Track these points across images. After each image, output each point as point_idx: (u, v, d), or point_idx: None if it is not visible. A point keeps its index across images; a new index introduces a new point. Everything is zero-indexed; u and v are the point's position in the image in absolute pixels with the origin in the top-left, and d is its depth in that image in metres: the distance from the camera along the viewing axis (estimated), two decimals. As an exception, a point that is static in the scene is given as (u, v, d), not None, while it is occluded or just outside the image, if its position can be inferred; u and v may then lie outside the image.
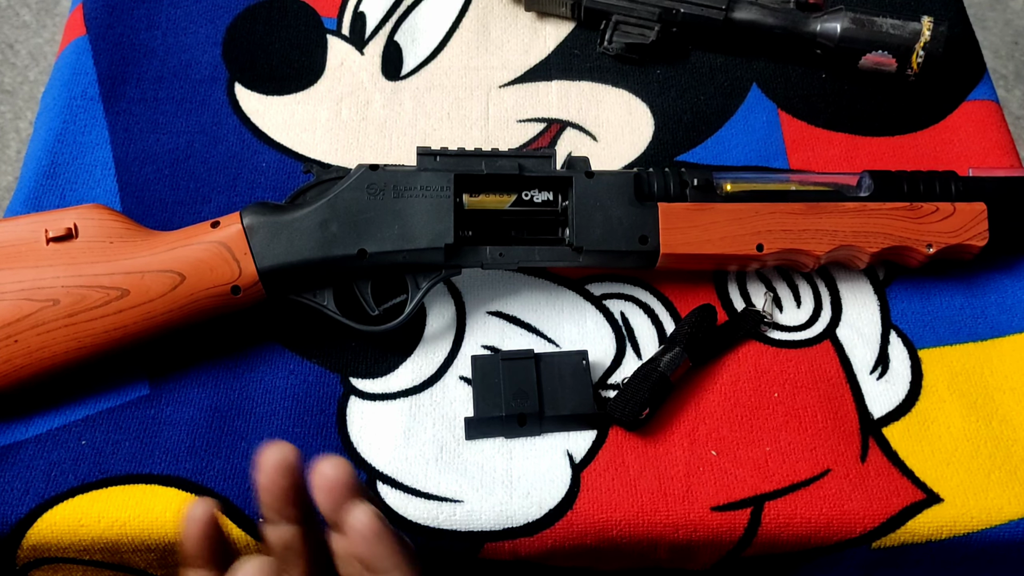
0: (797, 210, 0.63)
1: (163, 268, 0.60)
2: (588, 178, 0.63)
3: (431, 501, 0.58)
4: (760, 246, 0.62)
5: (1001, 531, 0.58)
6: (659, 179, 0.64)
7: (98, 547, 0.57)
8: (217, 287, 0.60)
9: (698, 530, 0.58)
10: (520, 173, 0.62)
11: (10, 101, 1.71)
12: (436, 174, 0.62)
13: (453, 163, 0.62)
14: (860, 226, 0.64)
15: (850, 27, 0.75)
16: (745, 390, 0.63)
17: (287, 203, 0.62)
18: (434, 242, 0.61)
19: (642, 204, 0.63)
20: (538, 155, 0.63)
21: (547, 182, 0.63)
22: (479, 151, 0.63)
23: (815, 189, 0.65)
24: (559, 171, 0.63)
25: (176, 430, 0.60)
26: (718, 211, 0.63)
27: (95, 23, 0.80)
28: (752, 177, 0.66)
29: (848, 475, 0.60)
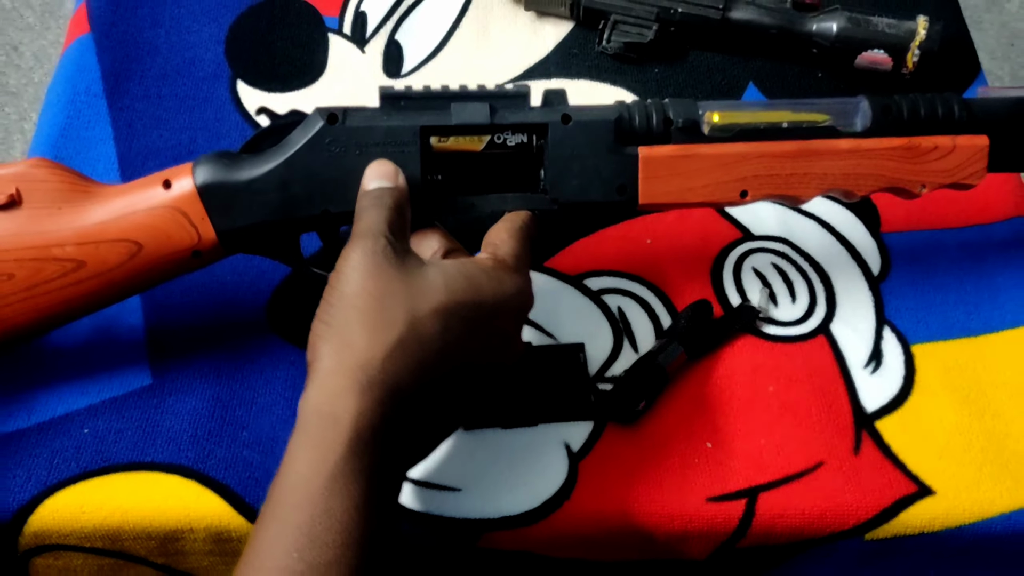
0: (787, 152, 0.59)
1: (118, 238, 0.56)
2: (565, 123, 0.57)
3: (429, 490, 0.58)
4: (744, 192, 0.59)
5: (992, 524, 0.59)
6: (641, 118, 0.59)
7: (99, 535, 0.57)
8: (176, 253, 0.57)
9: (693, 521, 0.58)
10: (491, 122, 0.57)
11: (15, 103, 1.71)
12: (400, 126, 0.56)
13: (419, 107, 0.57)
14: (852, 168, 0.60)
15: (846, 26, 0.76)
16: (740, 384, 0.63)
17: (242, 152, 0.58)
18: None
19: (622, 150, 0.58)
20: (512, 94, 0.58)
21: (521, 128, 0.57)
22: (447, 91, 0.58)
23: (808, 122, 0.60)
24: (534, 115, 0.58)
25: (178, 419, 0.61)
26: (702, 157, 0.59)
27: (99, 21, 0.81)
28: (741, 105, 0.61)
29: (841, 468, 0.60)
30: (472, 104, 0.57)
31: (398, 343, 0.47)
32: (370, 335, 0.47)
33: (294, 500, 0.45)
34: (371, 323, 0.48)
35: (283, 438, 0.47)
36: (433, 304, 0.49)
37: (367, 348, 0.47)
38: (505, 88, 0.57)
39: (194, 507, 0.57)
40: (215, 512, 0.57)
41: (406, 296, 0.49)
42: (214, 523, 0.57)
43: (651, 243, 0.70)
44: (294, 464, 0.46)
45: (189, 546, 0.58)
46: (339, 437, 0.45)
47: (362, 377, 0.46)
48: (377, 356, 0.47)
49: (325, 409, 0.46)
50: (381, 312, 0.48)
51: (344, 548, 0.44)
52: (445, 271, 0.51)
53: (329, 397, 0.47)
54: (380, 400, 0.46)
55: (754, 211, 0.71)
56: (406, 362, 0.47)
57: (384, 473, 0.47)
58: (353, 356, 0.47)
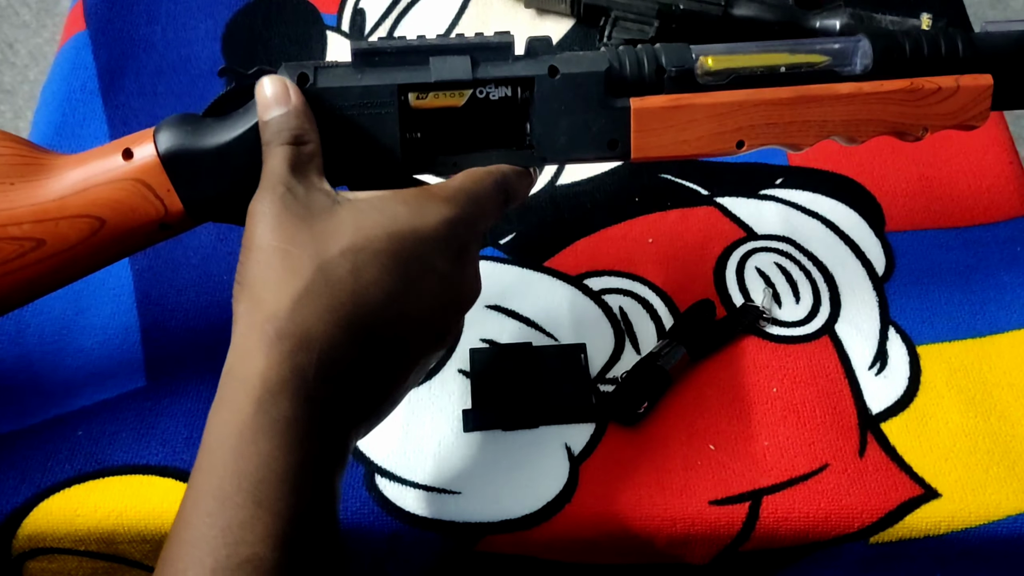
0: (784, 99, 0.56)
1: (78, 213, 0.53)
2: (552, 76, 0.54)
3: (429, 493, 0.58)
4: (741, 143, 0.56)
5: (999, 527, 0.58)
6: (632, 67, 0.55)
7: (94, 538, 0.57)
8: (142, 226, 0.54)
9: (696, 524, 0.58)
10: (473, 77, 0.53)
11: (10, 100, 1.71)
12: (376, 85, 0.52)
13: (395, 63, 0.53)
14: (852, 114, 0.57)
15: (849, 23, 0.75)
16: (743, 385, 0.63)
17: (206, 115, 0.54)
18: (379, 158, 0.54)
19: (613, 102, 0.55)
20: (495, 44, 0.54)
21: (506, 82, 0.54)
22: (424, 43, 0.53)
23: (806, 65, 0.57)
24: (519, 68, 0.54)
25: (173, 421, 0.60)
26: (697, 107, 0.55)
27: (95, 18, 0.81)
28: (736, 48, 0.58)
29: (846, 470, 0.60)
30: (452, 58, 0.53)
31: (305, 290, 0.45)
32: (277, 286, 0.45)
33: (207, 465, 0.43)
34: (278, 275, 0.45)
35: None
36: (342, 244, 0.46)
37: (274, 300, 0.45)
38: (487, 37, 0.54)
39: (190, 510, 0.57)
40: (211, 515, 0.57)
41: (312, 241, 0.46)
42: (210, 526, 0.57)
43: (653, 243, 0.69)
44: (208, 430, 0.44)
45: (185, 550, 0.58)
46: (247, 393, 0.43)
47: (269, 330, 0.44)
48: (283, 306, 0.44)
49: (235, 368, 0.44)
50: (288, 262, 0.45)
51: (257, 507, 0.41)
52: (357, 207, 0.48)
53: (239, 357, 0.45)
54: (290, 351, 0.44)
55: (757, 210, 0.71)
56: (315, 308, 0.44)
57: (305, 429, 0.44)
58: (262, 311, 0.45)
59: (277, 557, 0.41)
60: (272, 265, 0.45)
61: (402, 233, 0.47)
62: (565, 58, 0.54)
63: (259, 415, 0.43)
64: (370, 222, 0.47)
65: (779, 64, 0.57)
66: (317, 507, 0.44)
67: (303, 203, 0.47)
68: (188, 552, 0.41)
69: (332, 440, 0.45)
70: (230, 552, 0.41)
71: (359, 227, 0.46)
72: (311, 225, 0.46)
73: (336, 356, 0.45)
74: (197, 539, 0.41)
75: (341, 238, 0.46)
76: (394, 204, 0.48)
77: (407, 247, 0.47)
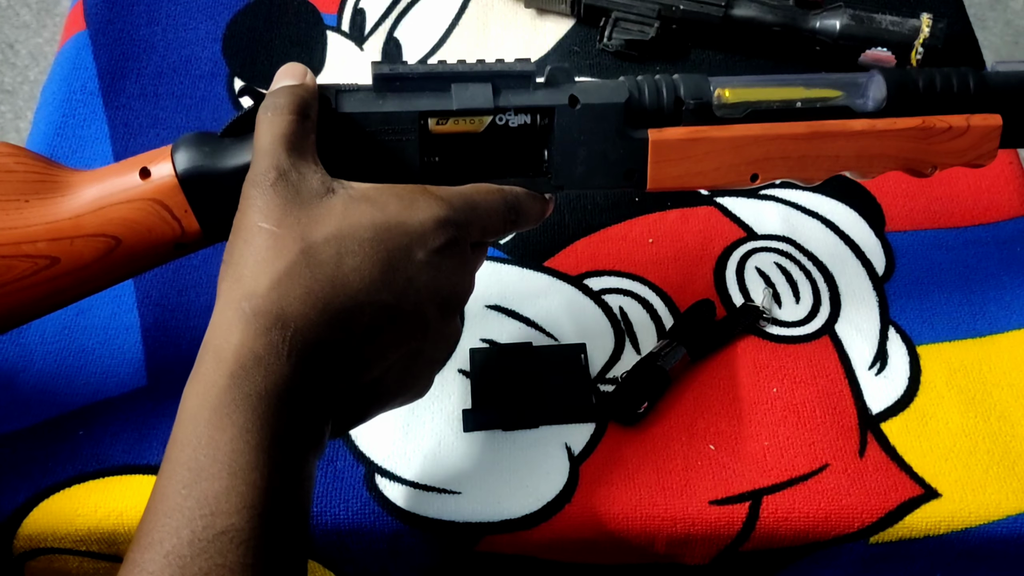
0: (800, 134, 0.57)
1: (94, 232, 0.52)
2: (572, 106, 0.54)
3: (429, 493, 0.58)
4: (755, 176, 0.57)
5: (998, 526, 0.58)
6: (652, 98, 0.56)
7: (94, 538, 0.57)
8: (157, 247, 0.53)
9: (696, 524, 0.58)
10: (495, 106, 0.53)
11: (10, 101, 1.71)
12: (398, 112, 0.52)
13: (416, 88, 0.53)
14: (864, 150, 0.58)
15: (849, 23, 0.75)
16: (743, 385, 0.63)
17: (226, 134, 0.53)
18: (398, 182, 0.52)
19: (631, 133, 0.55)
20: (517, 72, 0.54)
21: (526, 110, 0.54)
22: (446, 69, 0.53)
23: (821, 100, 0.58)
24: (540, 97, 0.54)
25: (173, 421, 0.60)
26: (714, 141, 0.56)
27: (95, 18, 0.80)
28: (752, 81, 0.59)
29: (846, 470, 0.60)
30: (474, 85, 0.53)
31: (286, 271, 0.45)
32: (258, 265, 0.45)
33: (182, 437, 0.43)
34: (261, 254, 0.45)
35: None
36: (330, 229, 0.46)
37: (254, 278, 0.45)
38: (509, 64, 0.54)
39: (190, 510, 0.57)
40: (212, 515, 0.57)
41: (299, 225, 0.46)
42: (211, 526, 0.57)
43: (653, 243, 0.69)
44: (183, 403, 0.45)
45: (185, 549, 0.58)
46: (221, 368, 0.43)
47: (246, 307, 0.44)
48: (263, 285, 0.45)
49: (212, 343, 0.45)
50: (273, 242, 0.46)
51: (232, 477, 0.42)
52: (350, 196, 0.48)
53: (216, 331, 0.45)
54: (265, 328, 0.44)
55: (757, 210, 0.71)
56: (294, 289, 0.45)
57: (278, 405, 0.44)
58: (241, 288, 0.45)
59: (253, 528, 0.41)
60: (257, 245, 0.46)
61: (388, 224, 0.47)
62: (585, 88, 0.55)
63: (233, 389, 0.43)
64: (359, 212, 0.47)
65: (795, 99, 0.58)
66: (291, 482, 0.44)
67: (294, 187, 0.47)
68: (164, 523, 0.41)
69: (306, 421, 0.45)
70: (207, 523, 0.41)
71: (347, 215, 0.47)
72: (299, 209, 0.47)
73: (310, 337, 0.45)
74: (173, 510, 0.42)
75: (328, 224, 0.46)
76: (387, 196, 0.48)
77: (392, 238, 0.47)
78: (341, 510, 0.57)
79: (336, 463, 0.59)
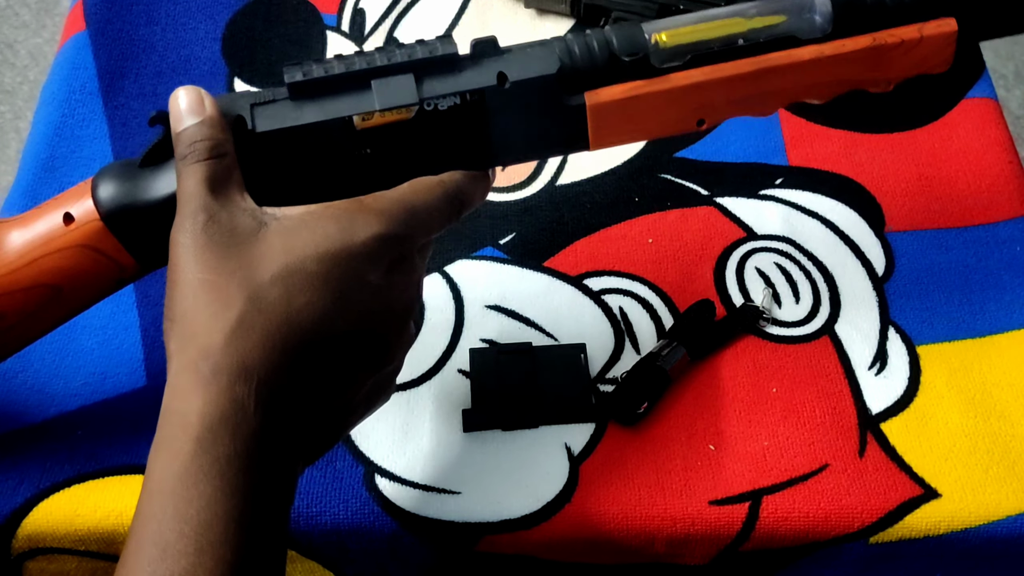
0: (744, 74, 0.54)
1: (32, 284, 0.51)
2: (502, 85, 0.52)
3: (429, 493, 0.58)
4: (701, 121, 0.55)
5: (999, 527, 0.58)
6: (584, 58, 0.53)
7: (93, 538, 0.57)
8: (100, 286, 0.52)
9: (696, 524, 0.58)
10: (420, 98, 0.51)
11: (10, 101, 1.71)
12: (320, 121, 0.50)
13: (334, 92, 0.51)
14: (814, 79, 0.55)
15: (849, 24, 0.75)
16: (743, 385, 0.63)
17: (145, 163, 0.51)
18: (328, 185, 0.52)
19: (567, 101, 0.53)
20: (439, 57, 0.51)
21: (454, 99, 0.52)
22: (362, 65, 0.51)
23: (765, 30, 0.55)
24: (466, 80, 0.52)
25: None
26: (655, 95, 0.53)
27: (95, 18, 0.80)
28: (691, 19, 0.55)
29: (846, 470, 0.60)
30: (395, 79, 0.51)
31: (238, 322, 0.43)
32: (209, 321, 0.43)
33: (147, 511, 0.42)
34: (208, 308, 0.43)
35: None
36: (272, 270, 0.44)
37: (206, 335, 0.43)
38: (430, 46, 0.52)
39: (190, 510, 0.57)
40: (211, 515, 0.57)
41: (240, 269, 0.44)
42: (210, 526, 0.57)
43: (653, 243, 0.69)
44: (148, 473, 0.43)
45: (185, 550, 0.58)
46: (186, 432, 0.41)
47: (204, 367, 0.42)
48: (217, 341, 0.43)
49: (173, 408, 0.43)
50: (217, 294, 0.43)
51: (199, 554, 0.40)
52: (285, 227, 0.45)
53: (176, 395, 0.43)
54: (227, 386, 0.42)
55: (757, 210, 0.71)
56: (250, 339, 0.43)
57: (248, 465, 0.42)
58: (195, 347, 0.43)
59: None
60: (200, 298, 0.44)
61: (332, 252, 0.45)
62: (514, 60, 0.52)
63: (199, 455, 0.41)
64: (300, 243, 0.45)
65: (736, 33, 0.54)
66: (263, 547, 0.42)
67: (226, 228, 0.45)
68: None
69: (278, 472, 0.44)
70: None
71: (288, 249, 0.45)
72: (237, 252, 0.45)
73: (275, 384, 0.43)
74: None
75: (271, 263, 0.44)
76: (324, 222, 0.46)
77: (338, 264, 0.45)
78: (340, 510, 0.57)
79: (335, 463, 0.59)
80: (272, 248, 0.45)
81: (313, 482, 0.58)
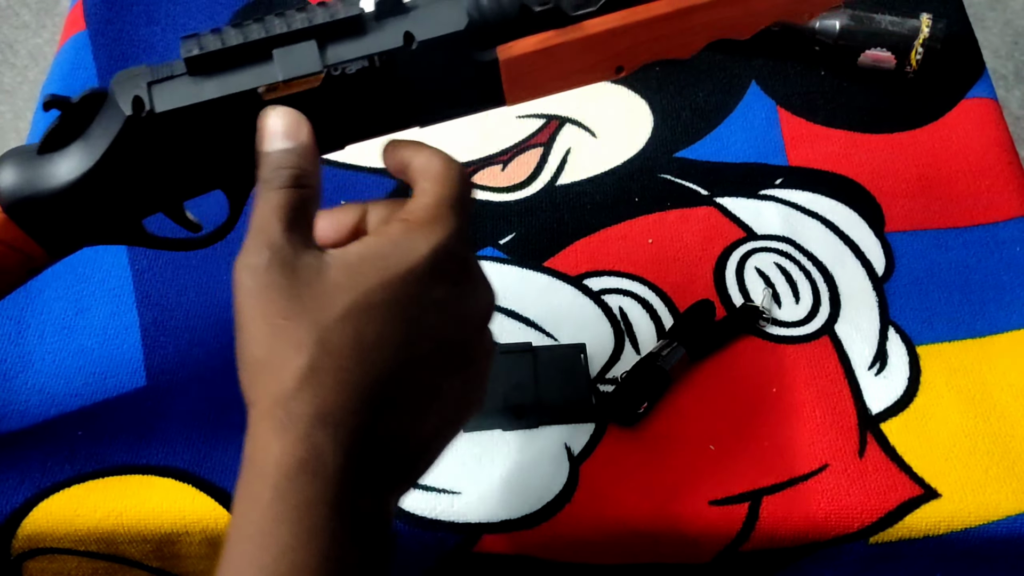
0: (661, 15, 0.52)
1: None
2: (408, 45, 0.49)
3: (429, 492, 0.58)
4: (620, 68, 0.53)
5: (998, 527, 0.58)
6: (494, 11, 0.51)
7: (93, 538, 0.57)
8: (9, 276, 0.51)
9: (696, 524, 0.58)
10: (324, 65, 0.48)
11: (10, 101, 1.71)
12: (222, 97, 0.48)
13: (234, 65, 0.48)
14: (732, 13, 0.53)
15: (849, 24, 0.75)
16: (743, 385, 0.63)
17: (43, 148, 0.49)
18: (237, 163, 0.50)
19: (479, 56, 0.51)
20: (340, 19, 0.49)
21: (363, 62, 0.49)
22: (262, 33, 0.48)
23: None
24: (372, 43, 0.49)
25: (173, 422, 0.60)
26: (568, 45, 0.51)
27: (95, 18, 0.81)
28: None
29: (846, 470, 0.60)
30: (297, 47, 0.48)
31: (310, 367, 0.42)
32: (280, 368, 0.42)
33: (227, 557, 0.41)
34: (279, 355, 0.42)
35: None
36: (340, 309, 0.42)
37: (279, 382, 0.42)
38: (332, 9, 0.49)
39: (189, 510, 0.57)
40: (211, 515, 0.57)
41: (306, 311, 0.43)
42: (210, 526, 0.57)
43: (652, 243, 0.69)
44: (231, 519, 0.42)
45: (184, 549, 0.58)
46: (264, 482, 0.41)
47: (280, 414, 0.41)
48: (290, 388, 0.41)
49: (251, 455, 0.42)
50: (287, 339, 0.42)
51: None
52: (347, 262, 0.44)
53: (254, 444, 0.42)
54: (304, 434, 0.41)
55: (757, 210, 0.71)
56: (323, 382, 0.42)
57: (328, 510, 0.41)
58: (269, 395, 0.42)
59: None
60: (269, 344, 0.43)
61: (395, 278, 0.44)
62: (420, 17, 0.50)
63: (276, 503, 0.40)
64: (362, 276, 0.44)
65: None
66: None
67: (290, 268, 0.44)
68: None
69: (364, 513, 0.42)
70: None
71: (353, 285, 0.43)
72: (302, 293, 0.43)
73: (354, 425, 0.42)
74: None
75: (337, 302, 0.43)
76: (381, 248, 0.44)
77: (404, 288, 0.43)
78: (341, 510, 0.57)
79: (336, 463, 0.59)
80: (337, 286, 0.43)
81: (313, 482, 0.58)
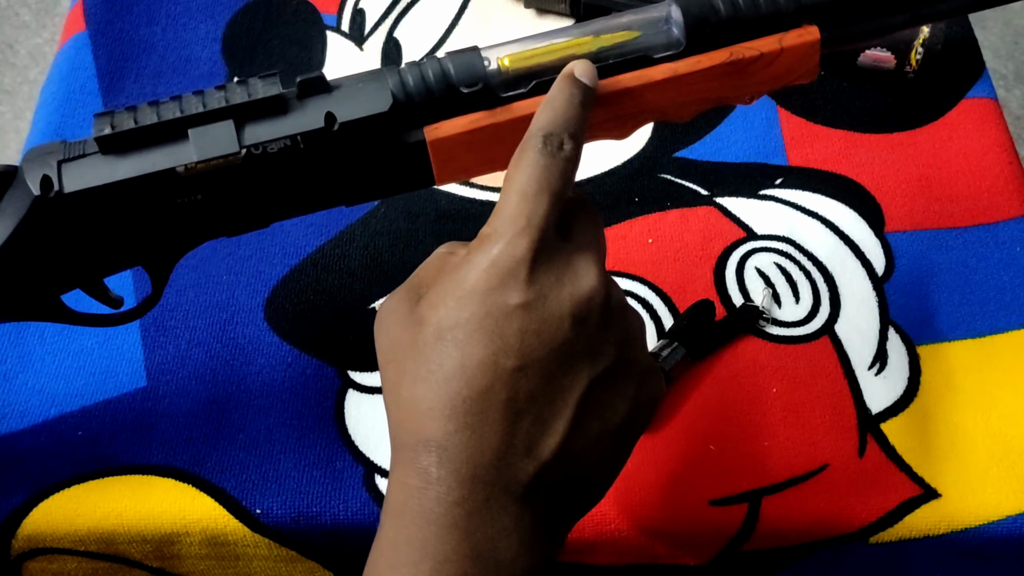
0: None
1: None
2: (330, 126, 0.48)
3: (428, 493, 0.58)
4: None
5: (999, 527, 0.58)
6: (419, 91, 0.49)
7: (93, 538, 0.57)
8: None
9: (696, 524, 0.58)
10: (241, 147, 0.47)
11: (10, 101, 1.71)
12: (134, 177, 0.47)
13: (149, 144, 0.47)
14: (670, 99, 0.51)
15: (849, 24, 0.75)
16: (743, 385, 0.63)
17: None
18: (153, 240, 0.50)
19: (406, 137, 0.49)
20: (260, 99, 0.48)
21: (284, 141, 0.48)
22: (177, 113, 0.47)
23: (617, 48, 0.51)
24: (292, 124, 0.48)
25: (173, 422, 0.60)
26: (498, 126, 0.49)
27: (95, 18, 0.81)
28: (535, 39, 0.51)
29: (846, 470, 0.60)
30: (214, 127, 0.47)
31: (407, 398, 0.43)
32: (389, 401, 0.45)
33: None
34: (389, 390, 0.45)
35: (280, 440, 0.46)
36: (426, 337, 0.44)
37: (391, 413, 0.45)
38: (252, 88, 0.48)
39: (190, 510, 0.57)
40: (211, 515, 0.57)
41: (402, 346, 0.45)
42: (210, 526, 0.57)
43: (652, 243, 0.69)
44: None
45: (185, 550, 0.58)
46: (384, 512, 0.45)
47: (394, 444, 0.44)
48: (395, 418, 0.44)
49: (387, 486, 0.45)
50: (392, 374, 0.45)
51: None
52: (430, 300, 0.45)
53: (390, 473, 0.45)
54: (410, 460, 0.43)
55: (757, 210, 0.71)
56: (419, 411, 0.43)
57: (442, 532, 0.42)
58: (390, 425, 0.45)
59: None
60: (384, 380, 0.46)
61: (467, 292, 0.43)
62: (344, 97, 0.49)
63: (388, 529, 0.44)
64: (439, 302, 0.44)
65: (583, 55, 0.50)
66: None
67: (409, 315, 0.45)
68: None
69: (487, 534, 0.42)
70: None
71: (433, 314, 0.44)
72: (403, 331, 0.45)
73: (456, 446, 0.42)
74: None
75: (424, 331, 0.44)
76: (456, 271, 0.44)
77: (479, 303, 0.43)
78: (340, 510, 0.57)
79: (335, 463, 0.59)
80: (423, 317, 0.44)
81: (313, 482, 0.58)
